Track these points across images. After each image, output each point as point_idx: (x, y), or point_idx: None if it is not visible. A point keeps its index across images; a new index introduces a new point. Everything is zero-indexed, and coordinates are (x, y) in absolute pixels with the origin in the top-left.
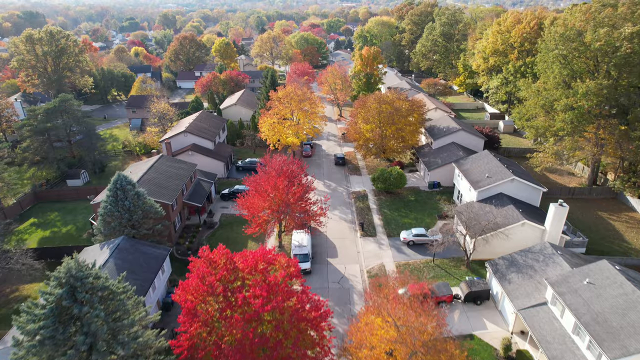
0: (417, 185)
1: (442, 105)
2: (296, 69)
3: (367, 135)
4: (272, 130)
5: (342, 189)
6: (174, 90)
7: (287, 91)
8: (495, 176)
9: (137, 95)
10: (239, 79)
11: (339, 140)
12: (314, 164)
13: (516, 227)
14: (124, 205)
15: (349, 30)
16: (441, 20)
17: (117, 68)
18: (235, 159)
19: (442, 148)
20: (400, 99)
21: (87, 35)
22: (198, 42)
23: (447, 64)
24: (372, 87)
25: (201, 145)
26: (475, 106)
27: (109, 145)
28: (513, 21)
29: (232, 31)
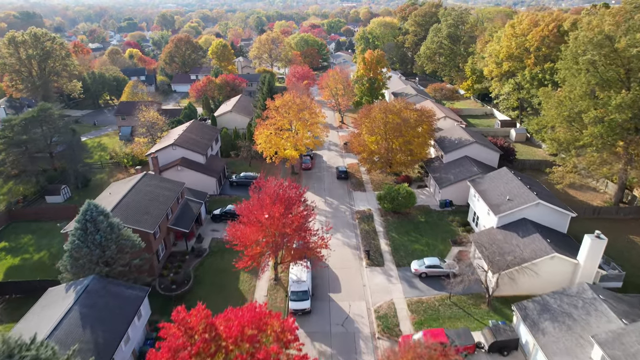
0: (427, 204)
1: (452, 113)
2: (295, 72)
3: (371, 148)
4: (268, 143)
5: (345, 207)
6: (169, 94)
7: (285, 100)
8: (518, 199)
9: (127, 102)
10: (235, 83)
11: (341, 151)
12: (314, 177)
13: (545, 261)
14: (95, 240)
15: (349, 31)
16: (447, 21)
17: (109, 71)
18: (229, 172)
19: (453, 162)
20: (408, 109)
21: (84, 36)
22: (194, 43)
23: (453, 67)
24: (376, 93)
25: (191, 160)
26: (483, 112)
27: (95, 156)
28: (529, 24)
29: (231, 32)
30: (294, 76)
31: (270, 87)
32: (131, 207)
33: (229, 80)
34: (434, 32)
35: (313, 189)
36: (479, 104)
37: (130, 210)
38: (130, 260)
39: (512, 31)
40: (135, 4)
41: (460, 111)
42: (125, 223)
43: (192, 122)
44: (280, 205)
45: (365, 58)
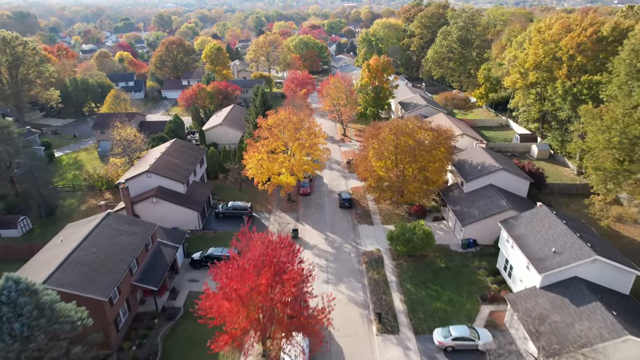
0: (445, 242)
1: (469, 129)
2: (294, 77)
3: (380, 174)
4: (260, 168)
5: (350, 246)
6: (159, 101)
7: (280, 117)
8: (567, 252)
9: (107, 113)
10: (228, 91)
11: (344, 170)
12: (314, 204)
13: (616, 345)
14: (12, 330)
15: (350, 32)
16: (457, 24)
17: (93, 77)
18: (216, 200)
19: (476, 192)
20: (423, 128)
21: (78, 37)
22: (186, 46)
23: (464, 73)
24: (382, 103)
25: (169, 189)
26: (498, 123)
27: (70, 174)
28: (560, 28)
29: (229, 32)
30: (293, 82)
31: (264, 99)
32: (82, 264)
33: (222, 88)
34: (443, 35)
35: (312, 221)
36: (492, 113)
37: (80, 270)
38: (70, 348)
39: (540, 37)
40: (133, 4)
41: (474, 122)
42: (70, 289)
43: (174, 141)
44: (269, 269)
45: (369, 65)
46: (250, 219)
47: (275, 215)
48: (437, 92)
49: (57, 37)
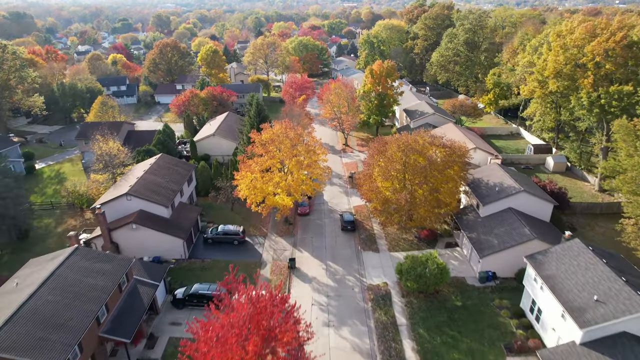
0: (461, 275)
1: (481, 142)
2: (293, 82)
3: (387, 195)
4: (253, 189)
5: (353, 279)
6: (151, 106)
7: (275, 132)
8: (613, 302)
9: (92, 122)
10: (223, 97)
11: (346, 185)
12: (313, 226)
13: None
14: None
15: (351, 33)
16: (464, 26)
17: (82, 81)
18: (205, 223)
19: (494, 217)
20: (435, 145)
21: (74, 37)
22: (181, 49)
23: (470, 77)
24: (386, 111)
25: (151, 213)
26: (508, 131)
27: (50, 189)
28: (585, 33)
29: (228, 33)
30: (291, 87)
31: (259, 109)
32: (36, 318)
33: (216, 94)
34: (449, 38)
35: (311, 247)
36: (502, 120)
37: (32, 326)
38: None
39: (560, 42)
40: (132, 4)
41: (483, 131)
42: (14, 354)
43: (160, 157)
44: (258, 333)
45: (373, 70)
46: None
47: (271, 240)
48: (442, 96)
49: (53, 38)
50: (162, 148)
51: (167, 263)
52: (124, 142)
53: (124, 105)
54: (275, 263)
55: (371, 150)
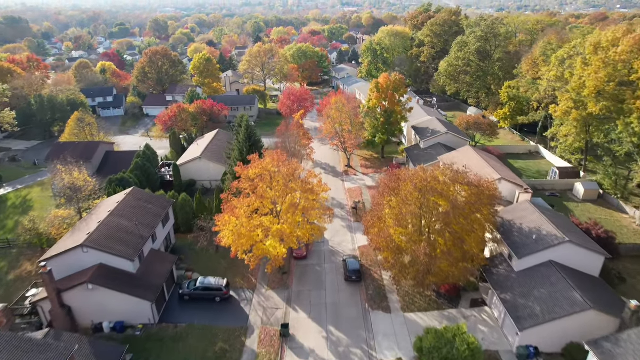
0: (493, 348)
1: (505, 169)
2: (290, 93)
3: (400, 244)
4: (238, 237)
5: (360, 352)
6: (140, 119)
7: (265, 166)
8: None
9: (65, 142)
10: (213, 112)
11: (349, 218)
12: (311, 274)
13: None
14: None
15: (352, 38)
16: (476, 33)
17: (64, 92)
18: (182, 272)
19: (533, 272)
20: (459, 182)
21: (69, 43)
22: (172, 57)
23: (482, 88)
24: (393, 129)
25: (113, 268)
26: (526, 150)
27: (11, 221)
28: (634, 45)
29: (226, 39)
30: (289, 98)
31: (250, 133)
32: None
33: (206, 108)
34: (459, 47)
35: (308, 304)
36: (517, 136)
37: None
38: None
39: (602, 56)
40: (132, 8)
41: (500, 150)
42: None
43: (131, 192)
44: None
45: (378, 84)
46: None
47: (260, 295)
48: (450, 108)
49: (48, 44)
50: (140, 174)
51: (132, 329)
52: (100, 164)
53: (110, 117)
54: (264, 329)
55: (381, 187)
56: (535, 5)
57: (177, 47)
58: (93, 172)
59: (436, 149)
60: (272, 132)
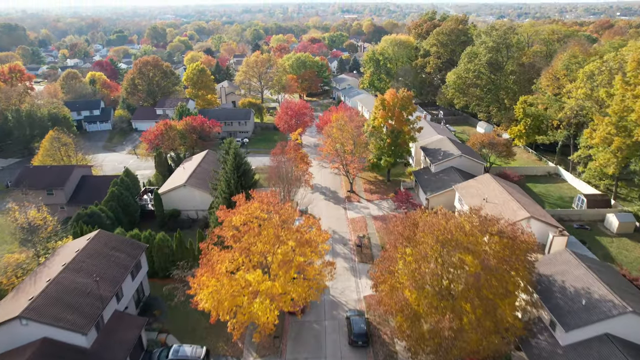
0: None
1: (533, 204)
2: (288, 107)
3: (416, 309)
4: (218, 302)
5: None
6: (128, 134)
7: (253, 211)
8: None
9: (36, 167)
10: (204, 129)
11: (352, 257)
12: (308, 336)
13: None
14: None
15: (352, 46)
16: (487, 44)
17: (46, 106)
18: (154, 337)
19: (584, 348)
20: (489, 232)
21: (65, 50)
22: (164, 68)
23: (494, 102)
24: (400, 150)
25: (61, 343)
26: (545, 171)
27: None
28: None
29: (224, 46)
30: (286, 113)
31: (238, 162)
32: None
33: (196, 125)
34: (468, 58)
35: None
36: (534, 155)
37: None
38: None
39: None
40: (132, 15)
41: (516, 172)
42: None
43: (95, 236)
44: None
45: (384, 101)
46: None
47: None
48: (457, 122)
49: (43, 51)
50: (116, 206)
51: None
52: (74, 191)
53: (96, 132)
54: None
55: (394, 235)
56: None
57: (174, 55)
58: (66, 201)
59: (449, 173)
60: (268, 149)
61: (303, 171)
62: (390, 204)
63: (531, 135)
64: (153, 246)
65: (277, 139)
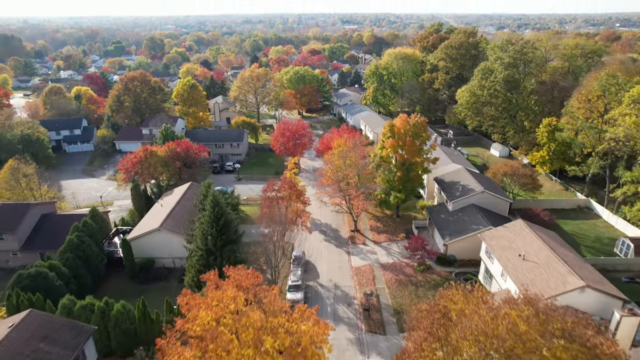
0: None
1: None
2: (285, 129)
3: None
4: None
5: None
6: (111, 156)
7: (227, 303)
8: None
9: None
10: (189, 155)
11: (359, 325)
12: None
13: None
14: None
15: (353, 57)
16: (503, 60)
17: (19, 126)
18: None
19: None
20: (554, 334)
21: (60, 62)
22: (152, 83)
23: (510, 123)
24: (412, 186)
25: None
26: (575, 204)
27: None
28: None
29: (222, 58)
30: (283, 134)
31: (219, 214)
32: None
33: (180, 151)
34: (482, 74)
35: None
36: (559, 184)
37: None
38: None
39: None
40: (133, 26)
41: (541, 205)
42: None
43: (24, 318)
44: None
45: (394, 127)
46: None
47: None
48: (469, 142)
49: (37, 63)
50: (74, 258)
51: None
52: (30, 235)
53: (77, 154)
54: None
55: (417, 332)
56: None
57: (170, 66)
58: (19, 246)
59: (470, 213)
60: (263, 174)
61: (299, 212)
62: (401, 248)
63: (556, 162)
64: (109, 320)
65: (272, 162)
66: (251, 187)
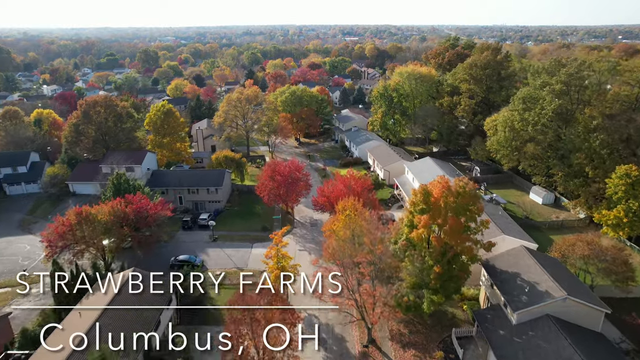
0: None
1: None
2: (276, 171)
3: None
4: None
5: None
6: (62, 200)
7: None
8: None
9: None
10: (142, 217)
11: None
12: None
13: None
14: None
15: (356, 72)
16: (554, 86)
17: None
18: None
19: None
20: None
21: (47, 75)
22: (118, 110)
23: (562, 166)
24: (457, 286)
25: None
26: None
27: None
28: None
29: (217, 72)
30: (272, 179)
31: None
32: None
33: (129, 213)
34: (521, 102)
35: None
36: (636, 252)
37: None
38: None
39: None
40: (133, 37)
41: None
42: None
43: None
44: None
45: (429, 195)
46: None
47: None
48: (499, 182)
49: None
50: None
51: None
52: None
53: (20, 197)
54: None
55: None
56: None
57: (160, 82)
58: None
59: (545, 332)
60: (246, 230)
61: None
62: None
63: (637, 226)
64: None
65: (259, 211)
66: (229, 252)
